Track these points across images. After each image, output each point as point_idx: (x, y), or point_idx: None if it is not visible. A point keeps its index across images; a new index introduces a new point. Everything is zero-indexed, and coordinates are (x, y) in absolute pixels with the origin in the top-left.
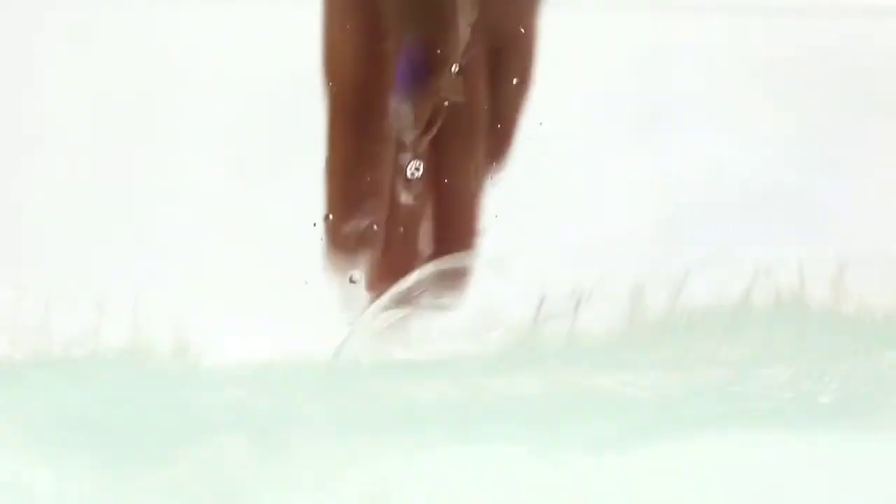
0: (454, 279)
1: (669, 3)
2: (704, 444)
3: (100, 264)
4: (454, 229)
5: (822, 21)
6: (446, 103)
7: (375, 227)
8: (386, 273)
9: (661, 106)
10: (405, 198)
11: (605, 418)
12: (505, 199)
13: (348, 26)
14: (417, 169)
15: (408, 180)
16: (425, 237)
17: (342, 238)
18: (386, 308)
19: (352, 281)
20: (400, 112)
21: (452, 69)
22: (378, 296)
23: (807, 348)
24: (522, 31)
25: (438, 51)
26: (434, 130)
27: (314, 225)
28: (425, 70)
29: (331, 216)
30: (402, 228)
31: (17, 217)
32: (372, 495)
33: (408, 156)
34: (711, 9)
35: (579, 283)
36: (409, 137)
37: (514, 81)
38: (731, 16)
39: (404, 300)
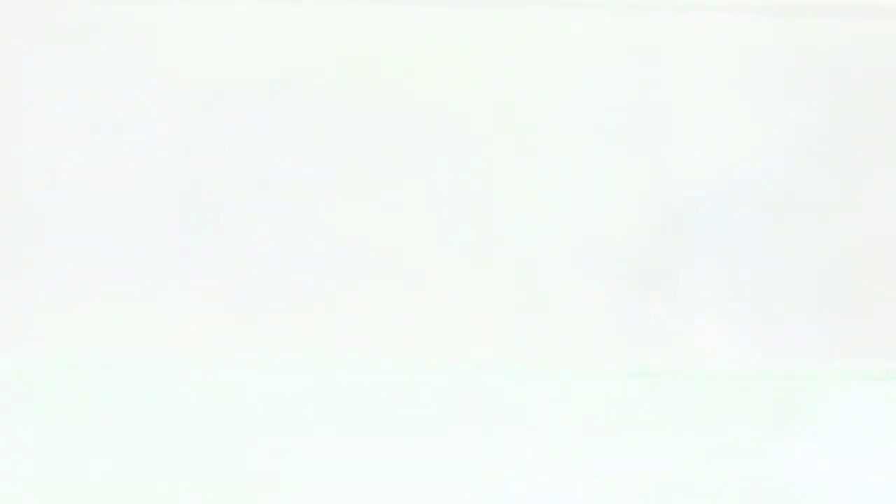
0: None
1: (670, 3)
2: None
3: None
4: None
5: (821, 21)
6: None
7: None
8: None
9: (661, 105)
10: None
11: None
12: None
13: None
14: None
15: None
16: None
17: None
18: None
19: None
20: None
21: None
22: None
23: None
24: None
25: None
26: None
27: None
28: None
29: None
30: None
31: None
32: None
33: None
34: (713, 8)
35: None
36: None
37: None
38: (733, 15)
39: None
